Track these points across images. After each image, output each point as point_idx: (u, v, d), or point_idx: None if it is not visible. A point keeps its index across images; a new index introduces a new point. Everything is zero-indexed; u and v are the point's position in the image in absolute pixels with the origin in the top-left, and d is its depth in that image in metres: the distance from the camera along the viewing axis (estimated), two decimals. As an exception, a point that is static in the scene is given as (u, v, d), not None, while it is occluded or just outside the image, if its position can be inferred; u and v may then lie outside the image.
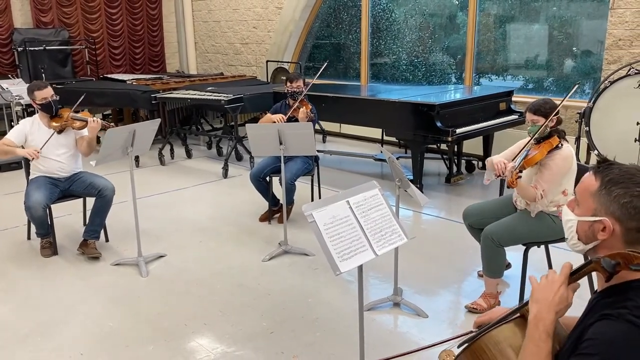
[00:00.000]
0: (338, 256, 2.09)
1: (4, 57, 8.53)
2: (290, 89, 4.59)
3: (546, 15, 6.28)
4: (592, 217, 1.32)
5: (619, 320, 1.20)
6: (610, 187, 1.29)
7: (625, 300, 1.24)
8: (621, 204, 1.27)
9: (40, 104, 3.90)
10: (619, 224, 1.28)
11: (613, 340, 1.18)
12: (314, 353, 2.82)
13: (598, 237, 1.31)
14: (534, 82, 6.63)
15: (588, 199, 1.33)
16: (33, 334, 3.02)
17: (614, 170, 1.31)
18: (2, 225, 4.66)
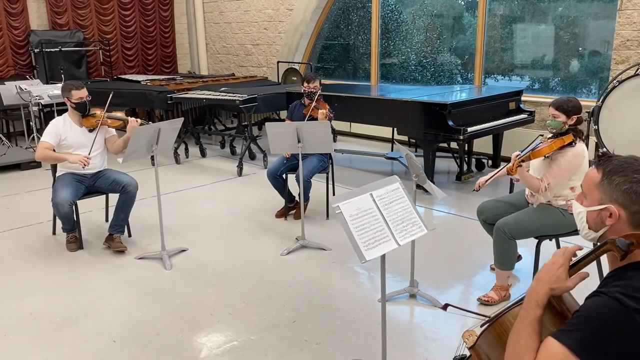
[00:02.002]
0: (363, 245, 2.22)
1: (22, 58, 8.71)
2: (307, 89, 4.72)
3: (553, 15, 6.39)
4: (599, 206, 1.45)
5: (607, 297, 1.31)
6: (611, 176, 1.42)
7: (620, 279, 1.36)
8: (622, 190, 1.40)
9: (76, 103, 4.04)
10: (624, 209, 1.41)
11: (598, 315, 1.30)
12: (336, 341, 2.95)
13: (606, 223, 1.44)
14: (540, 82, 6.73)
15: (593, 190, 1.47)
16: (67, 322, 3.17)
17: (613, 162, 1.45)
18: (26, 222, 4.82)
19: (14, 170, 6.55)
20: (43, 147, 4.02)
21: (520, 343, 1.39)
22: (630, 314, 1.28)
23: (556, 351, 1.31)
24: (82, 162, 3.96)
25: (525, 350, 1.37)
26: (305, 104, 4.76)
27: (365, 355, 2.77)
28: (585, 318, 1.32)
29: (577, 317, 1.34)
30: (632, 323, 1.27)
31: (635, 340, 1.28)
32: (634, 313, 1.28)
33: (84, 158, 3.97)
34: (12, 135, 8.17)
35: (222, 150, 7.67)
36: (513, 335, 1.43)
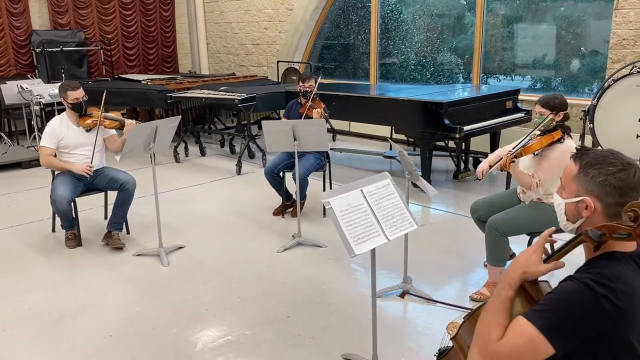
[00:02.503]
0: (353, 240, 2.27)
1: (23, 58, 8.78)
2: (302, 89, 4.76)
3: (554, 15, 6.41)
4: (576, 198, 1.49)
5: (579, 283, 1.36)
6: (587, 169, 1.47)
7: (593, 267, 1.41)
8: (597, 182, 1.44)
9: (72, 103, 4.09)
10: (599, 201, 1.45)
11: (568, 299, 1.35)
12: (329, 336, 2.99)
13: (583, 215, 1.48)
14: (541, 81, 6.76)
15: (571, 182, 1.51)
16: (65, 317, 3.22)
17: (590, 155, 1.49)
18: (27, 219, 4.87)
19: (15, 169, 6.61)
20: (46, 155, 4.08)
21: (490, 319, 1.45)
22: (599, 299, 1.32)
23: (526, 329, 1.35)
24: (85, 172, 4.03)
25: (495, 325, 1.43)
26: (301, 103, 4.80)
27: (358, 350, 2.81)
28: (556, 301, 1.36)
29: (548, 299, 1.39)
30: (601, 309, 1.32)
31: (602, 325, 1.33)
32: (602, 299, 1.32)
33: (87, 168, 4.03)
34: (14, 134, 8.24)
35: (221, 149, 7.72)
36: (484, 312, 1.49)
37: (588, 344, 1.36)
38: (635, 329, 1.38)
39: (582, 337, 1.34)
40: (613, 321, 1.33)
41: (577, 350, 1.37)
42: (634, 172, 1.44)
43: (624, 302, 1.34)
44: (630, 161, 1.47)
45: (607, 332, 1.34)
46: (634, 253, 1.47)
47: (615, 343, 1.37)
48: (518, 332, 1.37)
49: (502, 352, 1.38)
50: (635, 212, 1.32)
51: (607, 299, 1.32)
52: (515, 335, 1.38)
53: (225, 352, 2.86)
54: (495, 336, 1.41)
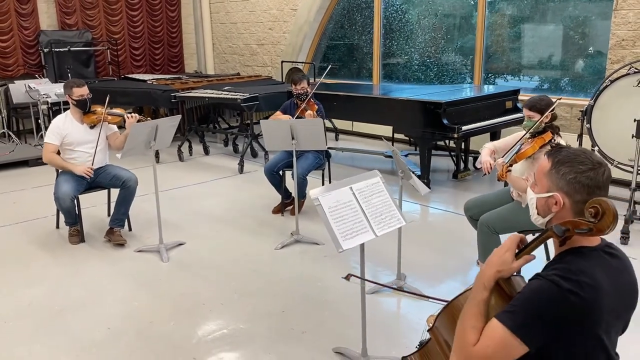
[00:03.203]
0: (341, 235, 2.33)
1: (31, 57, 8.91)
2: (295, 91, 4.81)
3: (561, 15, 6.41)
4: (547, 193, 1.54)
5: (545, 280, 1.41)
6: (558, 166, 1.52)
7: (559, 263, 1.46)
8: (567, 180, 1.49)
9: (77, 100, 4.19)
10: (568, 198, 1.50)
11: (535, 297, 1.40)
12: (322, 331, 3.06)
13: (552, 210, 1.53)
14: (549, 82, 6.76)
15: (543, 178, 1.56)
16: (65, 311, 3.31)
17: (562, 152, 1.54)
18: (32, 216, 4.97)
19: (21, 167, 6.73)
20: (49, 151, 4.18)
21: (466, 323, 1.49)
22: (565, 294, 1.37)
23: (498, 330, 1.41)
24: (86, 173, 4.13)
25: (470, 329, 1.47)
26: (298, 105, 4.84)
27: (349, 344, 2.87)
28: (524, 300, 1.42)
29: (516, 299, 1.44)
30: (567, 303, 1.37)
31: (570, 319, 1.38)
32: (568, 293, 1.37)
33: (88, 170, 4.12)
34: (22, 133, 8.37)
35: (225, 148, 7.80)
36: (462, 315, 1.53)
37: (558, 338, 1.41)
38: (602, 321, 1.43)
39: (552, 332, 1.39)
40: (580, 314, 1.39)
41: (549, 344, 1.42)
42: (603, 172, 1.49)
43: (589, 295, 1.39)
44: (600, 161, 1.52)
45: (575, 325, 1.39)
46: (601, 246, 1.52)
47: (584, 336, 1.42)
48: (491, 335, 1.42)
49: (479, 354, 1.43)
50: (595, 208, 1.38)
51: (574, 293, 1.37)
52: (489, 338, 1.42)
53: (220, 344, 2.93)
54: (471, 340, 1.45)
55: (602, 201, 1.38)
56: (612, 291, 1.45)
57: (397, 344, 2.94)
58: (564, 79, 6.59)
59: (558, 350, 1.44)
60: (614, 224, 1.38)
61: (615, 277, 1.49)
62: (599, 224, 1.38)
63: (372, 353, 2.74)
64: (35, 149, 7.27)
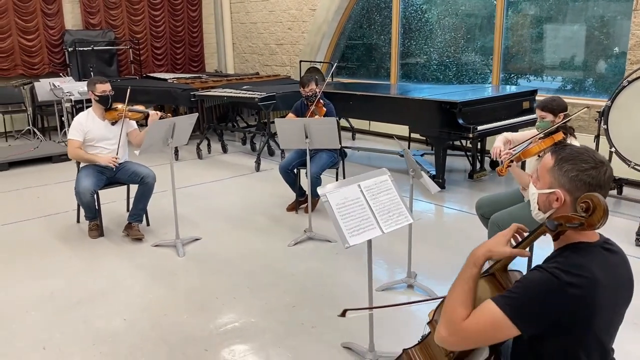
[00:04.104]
0: (348, 232, 2.38)
1: (56, 56, 9.13)
2: (304, 93, 4.85)
3: (584, 15, 6.35)
4: (548, 189, 1.57)
5: (545, 272, 1.45)
6: (561, 163, 1.55)
7: (559, 257, 1.50)
8: (569, 177, 1.52)
9: (99, 96, 4.31)
10: (569, 195, 1.53)
11: (535, 286, 1.44)
12: (331, 326, 3.11)
13: (553, 206, 1.56)
14: (572, 82, 6.69)
15: (546, 174, 1.59)
16: (83, 302, 3.42)
17: (566, 150, 1.57)
18: (54, 210, 5.12)
19: (45, 163, 6.92)
20: (74, 147, 4.31)
21: (455, 298, 1.55)
22: (564, 287, 1.41)
23: (492, 312, 1.45)
24: (111, 162, 4.24)
25: (459, 304, 1.53)
26: (308, 106, 4.89)
27: (357, 339, 2.92)
28: (524, 288, 1.46)
29: (516, 286, 1.48)
30: (566, 296, 1.41)
31: (567, 311, 1.42)
32: (567, 286, 1.41)
33: (113, 159, 4.24)
34: (47, 130, 8.60)
35: (243, 147, 7.90)
36: (451, 290, 1.60)
37: (554, 329, 1.45)
38: (598, 315, 1.46)
39: (548, 321, 1.43)
40: (577, 307, 1.42)
41: (543, 333, 1.46)
42: (605, 171, 1.52)
43: (588, 289, 1.42)
44: (602, 160, 1.55)
45: (571, 317, 1.43)
46: (599, 242, 1.55)
47: (579, 328, 1.46)
48: (484, 314, 1.47)
49: (467, 330, 1.49)
50: (587, 203, 1.41)
51: (573, 286, 1.41)
52: (482, 316, 1.47)
53: (231, 337, 3.01)
54: (461, 315, 1.50)
55: (593, 196, 1.41)
56: (609, 286, 1.48)
57: (404, 340, 2.96)
58: (587, 80, 6.52)
59: (552, 340, 1.48)
60: (605, 218, 1.42)
61: (613, 272, 1.52)
62: (590, 219, 1.42)
63: (379, 348, 2.78)
64: (59, 146, 7.46)
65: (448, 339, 1.53)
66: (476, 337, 1.48)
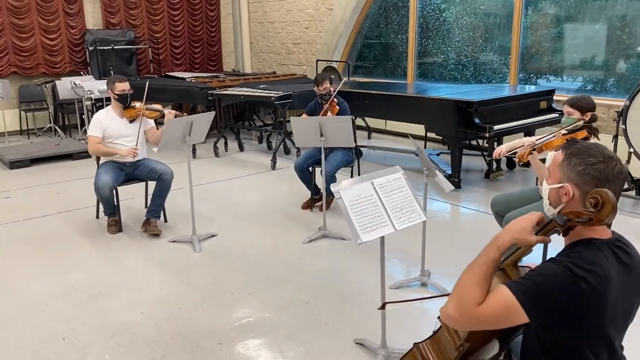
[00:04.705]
0: (360, 228, 2.41)
1: (77, 55, 9.29)
2: (318, 92, 4.88)
3: (605, 14, 6.29)
4: (558, 184, 1.58)
5: (559, 264, 1.47)
6: (570, 158, 1.56)
7: (571, 252, 1.51)
8: (577, 171, 1.53)
9: (118, 95, 4.40)
10: (577, 189, 1.54)
11: (548, 277, 1.45)
12: (344, 322, 3.14)
13: (562, 200, 1.57)
14: (592, 82, 6.63)
15: (556, 169, 1.61)
16: (102, 295, 3.50)
17: (575, 146, 1.59)
18: (74, 206, 5.23)
19: (66, 160, 7.05)
20: (94, 143, 4.39)
21: (473, 279, 1.54)
22: (577, 280, 1.43)
23: (505, 297, 1.46)
24: (131, 154, 4.33)
25: (476, 287, 1.52)
26: (322, 105, 4.91)
27: (370, 336, 2.94)
28: (537, 276, 1.47)
29: (530, 274, 1.49)
30: (578, 289, 1.43)
31: (577, 304, 1.44)
32: (580, 280, 1.43)
33: (132, 150, 4.32)
34: (67, 128, 8.76)
35: (259, 145, 7.97)
36: (468, 270, 1.58)
37: (563, 322, 1.46)
38: (608, 311, 1.47)
39: (558, 312, 1.45)
40: (588, 302, 1.44)
41: (551, 323, 1.48)
42: (614, 166, 1.53)
43: (599, 285, 1.44)
44: (611, 155, 1.56)
45: (581, 311, 1.45)
46: (611, 240, 1.55)
47: (589, 323, 1.47)
48: (498, 300, 1.48)
49: (480, 313, 1.49)
50: (595, 198, 1.42)
51: (585, 281, 1.43)
52: (495, 302, 1.48)
53: (245, 331, 3.05)
54: (476, 298, 1.50)
55: (602, 192, 1.42)
56: (620, 283, 1.49)
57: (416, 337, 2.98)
58: (608, 80, 6.46)
59: (561, 334, 1.49)
60: (613, 214, 1.42)
61: (624, 270, 1.52)
62: (599, 214, 1.43)
63: (392, 345, 2.81)
64: (79, 143, 7.60)
65: (458, 319, 1.52)
66: (487, 320, 1.49)
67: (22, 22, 8.66)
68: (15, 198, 5.60)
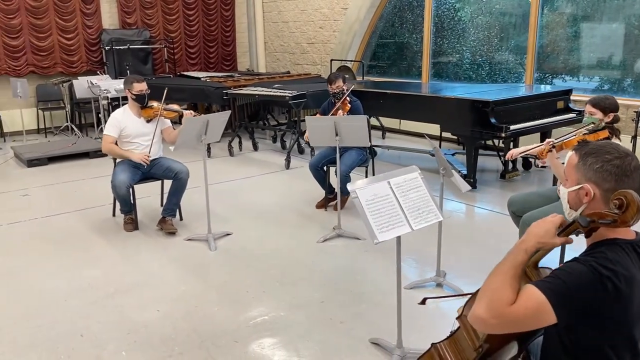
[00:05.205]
0: (377, 228, 2.40)
1: (94, 55, 9.38)
2: (331, 90, 4.87)
3: (623, 13, 6.21)
4: (577, 186, 1.57)
5: (584, 263, 1.46)
6: (586, 158, 1.55)
7: (595, 252, 1.50)
8: (595, 169, 1.53)
9: (136, 95, 4.43)
10: (597, 187, 1.53)
11: (574, 275, 1.44)
12: (359, 322, 3.14)
13: (583, 201, 1.56)
14: (610, 82, 6.55)
15: (572, 172, 1.59)
16: (118, 292, 3.53)
17: (589, 145, 1.59)
18: (91, 204, 5.28)
19: (83, 158, 7.13)
20: (108, 142, 4.43)
21: (504, 280, 1.52)
22: (602, 280, 1.42)
23: (538, 297, 1.44)
24: (143, 160, 4.36)
25: (508, 287, 1.50)
26: (335, 104, 4.90)
27: (385, 335, 2.93)
28: (564, 274, 1.46)
29: (557, 272, 1.48)
30: (603, 289, 1.42)
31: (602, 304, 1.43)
32: (606, 280, 1.42)
33: (145, 157, 4.35)
34: (84, 127, 8.86)
35: (273, 145, 7.98)
36: (496, 272, 1.56)
37: (587, 320, 1.45)
38: (632, 312, 1.46)
39: (583, 312, 1.44)
40: (613, 301, 1.43)
41: (576, 323, 1.47)
42: (630, 161, 1.52)
43: (624, 285, 1.43)
44: (627, 151, 1.55)
45: (606, 311, 1.44)
46: (635, 241, 1.54)
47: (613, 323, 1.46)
48: (530, 300, 1.46)
49: (514, 315, 1.46)
50: (620, 200, 1.40)
51: (610, 280, 1.42)
52: (527, 302, 1.46)
53: (260, 330, 3.06)
54: (508, 299, 1.48)
55: (627, 193, 1.41)
56: None
57: (432, 337, 2.96)
58: (625, 80, 6.37)
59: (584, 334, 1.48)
60: (638, 215, 1.41)
61: None
62: (623, 216, 1.41)
63: (408, 345, 2.79)
64: (96, 142, 7.67)
65: (489, 321, 1.49)
66: (519, 320, 1.47)
67: (40, 22, 8.76)
68: (33, 196, 5.67)
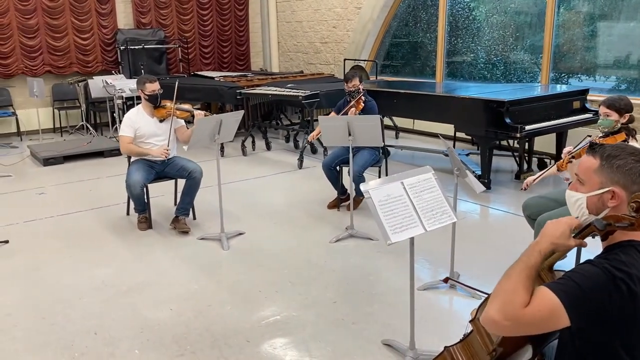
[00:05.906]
0: (390, 229, 2.39)
1: (109, 55, 9.46)
2: (347, 89, 4.86)
3: None
4: (600, 190, 1.53)
5: (597, 265, 1.44)
6: (610, 160, 1.52)
7: (610, 254, 1.47)
8: (624, 172, 1.49)
9: (149, 95, 4.46)
10: (624, 190, 1.50)
11: (588, 277, 1.42)
12: (371, 322, 3.12)
13: (608, 205, 1.53)
14: (627, 82, 6.46)
15: (592, 176, 1.55)
16: (131, 290, 3.55)
17: (608, 148, 1.55)
18: (105, 203, 5.32)
19: (97, 157, 7.19)
20: (126, 143, 4.46)
21: (517, 282, 1.49)
22: (616, 282, 1.40)
23: (551, 300, 1.42)
24: (163, 154, 4.39)
25: (522, 289, 1.47)
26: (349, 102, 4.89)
27: (398, 337, 2.92)
28: (577, 277, 1.44)
29: (570, 274, 1.46)
30: (617, 291, 1.39)
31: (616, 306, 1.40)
32: (619, 282, 1.40)
33: (164, 150, 4.38)
34: (99, 126, 8.94)
35: (286, 144, 7.99)
36: (510, 274, 1.53)
37: (601, 323, 1.43)
38: None
39: (596, 314, 1.41)
40: (627, 303, 1.40)
41: (590, 326, 1.44)
42: None
43: (638, 287, 1.40)
44: None
45: (620, 313, 1.41)
46: None
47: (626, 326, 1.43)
48: (543, 302, 1.43)
49: (527, 317, 1.44)
50: (637, 203, 1.38)
51: (624, 282, 1.40)
52: (541, 304, 1.44)
53: (272, 329, 3.06)
54: (522, 301, 1.46)
55: None
56: None
57: (445, 339, 2.94)
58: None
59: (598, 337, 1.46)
60: None
61: None
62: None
63: (420, 347, 2.78)
64: (111, 141, 7.74)
65: (502, 323, 1.47)
66: (532, 323, 1.45)
67: (56, 22, 8.85)
68: (49, 194, 5.73)
